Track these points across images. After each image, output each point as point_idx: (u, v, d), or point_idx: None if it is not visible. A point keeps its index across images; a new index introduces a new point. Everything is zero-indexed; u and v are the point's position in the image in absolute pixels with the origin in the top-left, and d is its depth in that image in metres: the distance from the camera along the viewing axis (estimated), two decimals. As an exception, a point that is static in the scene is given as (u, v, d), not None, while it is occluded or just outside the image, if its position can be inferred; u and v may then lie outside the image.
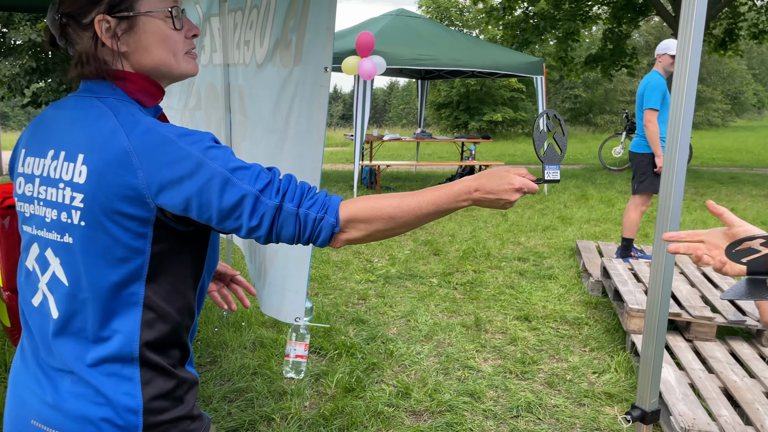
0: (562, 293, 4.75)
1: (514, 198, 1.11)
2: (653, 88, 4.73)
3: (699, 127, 32.13)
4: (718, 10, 11.44)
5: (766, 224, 7.41)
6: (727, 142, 22.41)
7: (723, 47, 13.01)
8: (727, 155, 17.30)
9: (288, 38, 2.22)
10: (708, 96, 32.42)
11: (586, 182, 10.77)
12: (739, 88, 37.18)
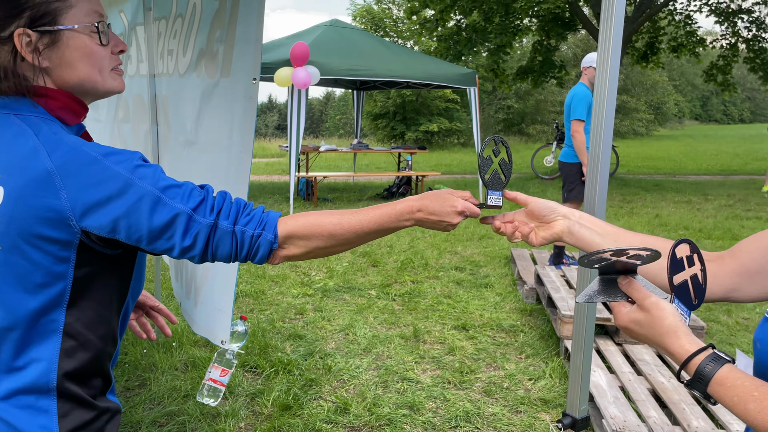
0: (498, 301, 4.85)
1: (456, 221, 1.13)
2: (580, 100, 4.92)
3: (625, 137, 33.71)
4: (640, 24, 12.08)
5: (689, 229, 7.83)
6: (651, 151, 23.61)
7: (645, 60, 13.73)
8: (652, 163, 18.22)
9: (214, 49, 2.18)
10: (633, 106, 34.08)
11: (520, 191, 11.05)
12: (661, 98, 39.31)
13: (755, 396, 0.76)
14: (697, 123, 54.10)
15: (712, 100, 54.67)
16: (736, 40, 13.22)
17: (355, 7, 28.40)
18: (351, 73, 8.00)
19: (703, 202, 10.12)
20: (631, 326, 0.88)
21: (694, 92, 51.05)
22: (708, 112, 56.36)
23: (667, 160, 19.30)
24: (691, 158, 20.05)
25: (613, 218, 8.55)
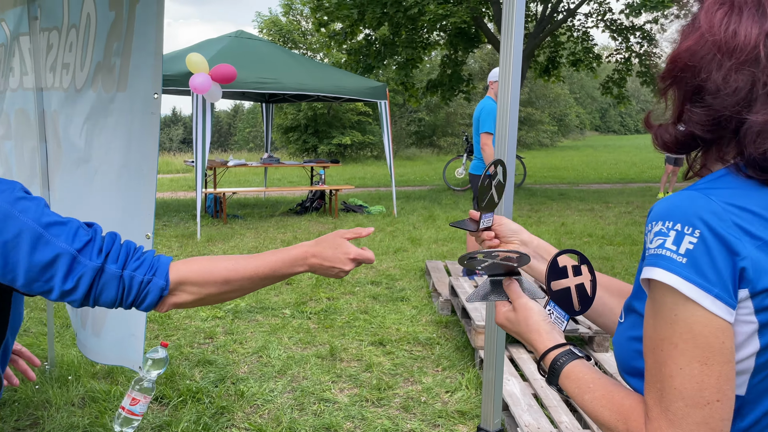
0: (415, 314, 4.92)
1: (348, 268, 1.13)
2: (488, 113, 5.12)
3: (531, 148, 35.34)
4: (541, 39, 12.75)
5: (593, 236, 8.29)
6: (556, 161, 24.86)
7: (547, 73, 14.50)
8: (557, 173, 19.18)
9: (111, 62, 2.09)
10: (537, 118, 35.81)
11: (433, 203, 11.33)
12: (564, 111, 41.57)
13: (591, 387, 0.82)
14: (597, 134, 57.53)
15: (610, 112, 58.37)
16: (630, 55, 14.24)
17: (262, 19, 28.10)
18: (258, 85, 7.90)
19: (604, 209, 10.75)
20: (505, 323, 0.96)
21: (594, 104, 54.32)
22: (607, 124, 60.07)
23: (570, 170, 20.38)
24: (593, 168, 21.29)
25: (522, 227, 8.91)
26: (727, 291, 0.72)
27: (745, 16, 0.76)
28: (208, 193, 9.39)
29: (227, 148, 39.41)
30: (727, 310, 0.72)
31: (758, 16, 0.75)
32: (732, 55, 0.75)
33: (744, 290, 0.73)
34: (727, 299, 0.72)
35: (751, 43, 0.74)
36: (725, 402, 0.73)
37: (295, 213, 10.03)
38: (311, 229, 8.58)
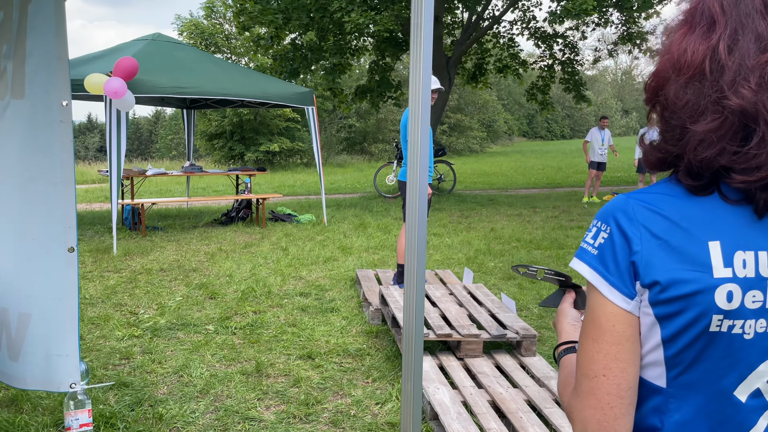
0: (345, 325, 4.89)
1: None
2: (414, 120, 5.17)
3: (462, 154, 36.07)
4: (468, 46, 13.03)
5: (521, 240, 8.52)
6: (485, 167, 25.47)
7: (474, 80, 14.85)
8: (486, 179, 19.64)
9: (1, 66, 1.97)
10: (467, 125, 36.62)
11: (364, 211, 11.34)
12: (492, 117, 42.70)
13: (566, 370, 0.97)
14: (525, 139, 59.38)
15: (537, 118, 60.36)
16: (553, 62, 14.79)
17: (182, 22, 27.36)
18: (177, 90, 7.68)
19: (532, 214, 11.08)
20: (554, 321, 1.12)
21: (521, 111, 56.07)
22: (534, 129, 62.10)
23: (500, 176, 20.93)
24: (521, 173, 21.94)
25: (453, 233, 9.06)
26: (623, 281, 0.82)
27: (696, 33, 0.81)
28: (125, 205, 9.03)
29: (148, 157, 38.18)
30: (622, 297, 0.83)
31: (707, 34, 0.80)
32: (680, 71, 0.81)
33: (638, 282, 0.82)
34: (623, 288, 0.83)
35: (698, 59, 0.80)
36: (611, 378, 0.83)
37: (220, 223, 9.80)
38: (237, 240, 8.40)
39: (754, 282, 0.80)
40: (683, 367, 0.83)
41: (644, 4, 10.74)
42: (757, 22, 0.78)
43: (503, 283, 6.30)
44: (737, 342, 0.81)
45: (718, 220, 0.81)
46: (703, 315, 0.80)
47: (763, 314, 0.81)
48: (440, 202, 12.47)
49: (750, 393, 0.84)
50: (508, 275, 6.63)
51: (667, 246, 0.81)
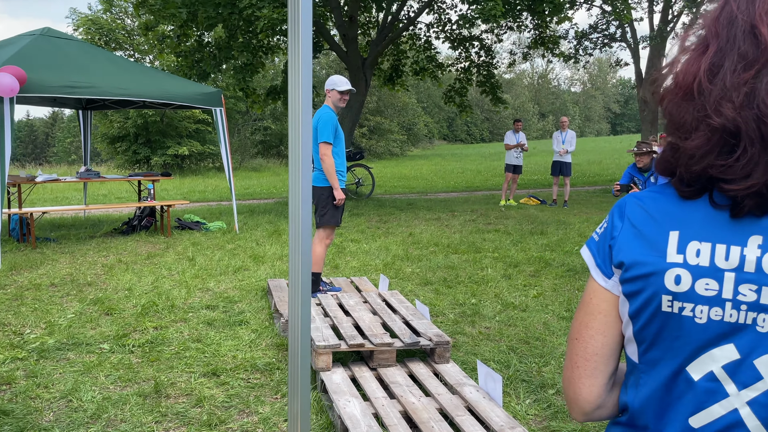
0: (254, 338, 4.77)
1: None
2: (326, 122, 5.13)
3: (382, 157, 36.36)
4: (384, 47, 13.13)
5: (439, 245, 8.64)
6: (406, 171, 25.77)
7: (391, 82, 14.99)
8: (406, 183, 19.87)
9: None
10: (387, 128, 36.96)
11: (279, 217, 11.17)
12: (412, 120, 43.30)
13: None
14: (446, 143, 60.62)
15: (456, 121, 61.76)
16: (469, 64, 15.14)
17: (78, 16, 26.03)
18: (68, 90, 7.28)
19: (450, 218, 11.28)
20: None
21: (441, 114, 57.19)
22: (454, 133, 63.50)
23: (420, 179, 21.22)
24: (441, 176, 22.36)
25: (371, 239, 9.07)
26: (605, 262, 1.00)
27: (691, 56, 0.91)
28: (11, 214, 8.48)
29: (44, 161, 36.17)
30: (602, 276, 1.01)
31: (700, 57, 0.89)
32: (678, 91, 0.92)
33: (612, 264, 0.99)
34: (603, 268, 1.01)
35: (689, 80, 0.89)
36: (581, 342, 1.02)
37: (120, 233, 9.37)
38: (139, 251, 8.06)
39: (708, 271, 0.90)
40: (647, 344, 0.96)
41: (555, 9, 11.18)
42: (741, 42, 0.86)
43: (420, 289, 6.36)
44: (688, 324, 0.92)
45: (689, 215, 0.93)
46: (656, 294, 0.93)
47: (717, 303, 0.89)
48: (359, 207, 12.48)
49: (704, 375, 0.92)
50: (425, 280, 6.70)
51: (639, 234, 0.96)
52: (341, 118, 13.66)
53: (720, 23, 0.89)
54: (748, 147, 0.85)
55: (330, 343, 3.86)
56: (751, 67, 0.84)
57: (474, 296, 6.12)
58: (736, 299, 0.89)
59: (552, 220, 10.99)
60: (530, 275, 7.03)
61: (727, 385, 0.91)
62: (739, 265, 0.88)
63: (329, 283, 6.02)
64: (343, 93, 5.33)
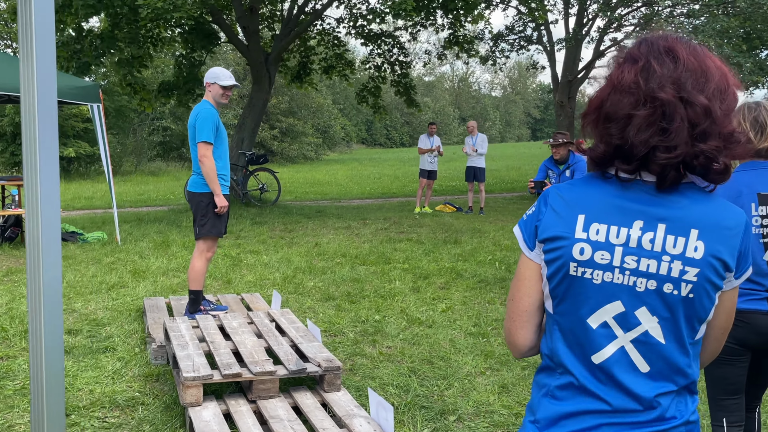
0: (119, 368, 4.34)
1: None
2: (204, 119, 4.77)
3: (295, 161, 35.82)
4: (289, 42, 12.77)
5: (346, 256, 8.39)
6: (319, 176, 25.43)
7: (299, 80, 14.64)
8: (319, 189, 19.54)
9: None
10: (300, 130, 36.42)
11: (171, 226, 10.59)
12: (328, 122, 42.96)
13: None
14: (364, 147, 60.66)
15: (376, 125, 61.97)
16: (382, 62, 15.01)
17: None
18: None
19: (361, 226, 11.06)
20: None
21: (359, 116, 57.17)
22: (373, 136, 63.68)
23: (334, 185, 20.95)
24: (357, 182, 22.17)
25: (272, 250, 8.70)
26: (530, 237, 1.34)
27: (625, 66, 1.29)
28: None
29: None
30: (527, 248, 1.35)
31: (633, 65, 1.27)
32: (620, 87, 1.29)
33: (537, 240, 1.32)
34: (528, 242, 1.35)
35: (632, 77, 1.26)
36: (515, 302, 1.38)
37: (-20, 246, 8.57)
38: (0, 266, 7.37)
39: (603, 245, 1.27)
40: (559, 299, 1.32)
41: (468, 7, 11.21)
42: (664, 56, 1.25)
43: (320, 305, 6.08)
44: (588, 284, 1.29)
45: (593, 203, 1.30)
46: (566, 262, 1.28)
47: (609, 269, 1.27)
48: (262, 215, 12.05)
49: (600, 323, 1.29)
50: (327, 295, 6.42)
51: (557, 215, 1.30)
52: (243, 118, 13.20)
53: (640, 49, 1.29)
54: (680, 123, 1.20)
55: (200, 373, 3.51)
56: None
57: (378, 312, 5.90)
58: (623, 266, 1.27)
59: (467, 228, 10.98)
60: (440, 287, 6.89)
61: (616, 330, 1.29)
62: (625, 241, 1.27)
63: (215, 301, 5.63)
64: (226, 88, 4.98)
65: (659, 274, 1.26)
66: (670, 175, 1.24)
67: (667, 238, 1.26)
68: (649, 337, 1.28)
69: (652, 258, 1.26)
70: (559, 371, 1.35)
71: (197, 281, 4.92)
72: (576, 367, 1.31)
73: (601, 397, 1.30)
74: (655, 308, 1.27)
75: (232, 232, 10.08)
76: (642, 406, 1.28)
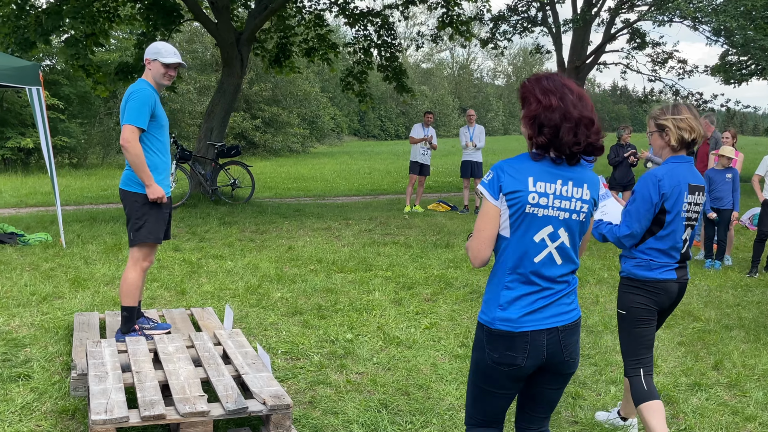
0: (30, 401, 3.88)
1: None
2: (136, 100, 4.30)
3: (280, 154, 35.30)
4: (263, 20, 12.22)
5: (322, 261, 7.94)
6: (305, 170, 24.94)
7: (278, 64, 14.14)
8: (302, 184, 19.07)
9: None
10: (285, 120, 35.85)
11: (114, 230, 10.03)
12: (316, 112, 42.34)
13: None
14: (356, 139, 60.17)
15: (369, 115, 61.47)
16: (368, 45, 14.52)
17: None
18: None
19: (343, 227, 10.61)
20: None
21: (351, 106, 56.59)
22: (366, 128, 63.19)
23: (319, 181, 20.48)
24: (345, 177, 21.70)
25: (238, 255, 8.25)
26: (495, 192, 2.35)
27: (548, 95, 2.35)
28: None
29: None
30: (493, 198, 2.35)
31: (548, 95, 2.35)
32: (548, 108, 2.34)
33: (501, 193, 2.34)
34: (494, 195, 2.35)
35: (554, 101, 2.34)
36: (483, 232, 2.38)
37: None
38: None
39: (543, 194, 2.33)
40: (515, 228, 2.34)
41: (463, -19, 10.75)
42: (566, 88, 2.36)
43: (286, 321, 5.63)
44: (534, 217, 2.34)
45: (535, 170, 2.35)
46: (523, 204, 2.31)
47: (546, 207, 2.33)
48: (233, 214, 11.57)
49: (540, 239, 2.35)
50: (294, 309, 5.97)
51: (512, 178, 2.32)
52: (212, 105, 12.70)
53: (546, 84, 2.39)
54: (577, 130, 2.33)
55: (113, 415, 3.05)
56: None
57: (351, 329, 5.46)
58: (553, 205, 2.35)
59: (461, 230, 10.54)
60: (425, 299, 6.45)
61: (548, 242, 2.37)
62: (554, 191, 2.35)
63: (159, 317, 5.17)
64: (168, 67, 4.51)
65: (570, 209, 2.39)
66: (576, 156, 2.38)
67: (574, 189, 2.40)
68: (563, 244, 2.41)
69: (566, 200, 2.39)
70: (509, 272, 2.40)
71: (131, 296, 4.45)
72: (521, 267, 2.38)
73: (537, 282, 2.39)
74: (567, 228, 2.41)
75: (196, 234, 9.61)
76: (557, 283, 2.42)
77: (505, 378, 2.40)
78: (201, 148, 12.73)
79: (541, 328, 2.35)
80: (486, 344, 2.40)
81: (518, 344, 2.34)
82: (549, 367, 2.42)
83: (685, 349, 5.28)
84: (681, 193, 3.28)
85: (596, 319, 6.00)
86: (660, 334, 5.61)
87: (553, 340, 2.37)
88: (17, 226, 9.81)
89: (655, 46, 17.90)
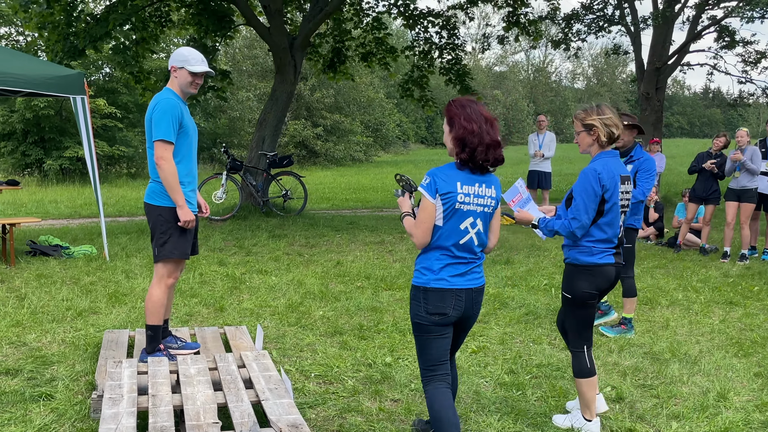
0: (49, 423, 3.96)
1: None
2: (163, 113, 4.35)
3: (341, 163, 35.56)
4: (317, 24, 12.30)
5: (370, 278, 7.89)
6: (366, 180, 25.07)
7: (332, 69, 14.23)
8: (361, 195, 19.15)
9: None
10: (348, 128, 36.08)
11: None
12: (380, 119, 42.45)
13: (409, 222, 3.50)
14: (424, 146, 60.10)
15: (437, 122, 61.34)
16: (430, 47, 14.46)
17: None
18: None
19: (397, 241, 10.55)
20: (400, 201, 3.68)
21: (418, 112, 56.63)
22: (434, 135, 63.04)
23: (380, 191, 20.51)
24: (406, 188, 21.63)
25: (284, 270, 8.30)
26: (432, 193, 3.31)
27: (471, 121, 3.36)
28: None
29: None
30: (431, 197, 3.31)
31: (470, 121, 3.35)
32: (471, 132, 3.35)
33: (437, 193, 3.32)
34: (431, 195, 3.31)
35: (475, 127, 3.34)
36: (425, 224, 3.33)
37: (-48, 260, 8.46)
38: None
39: (467, 195, 3.35)
40: (447, 219, 3.34)
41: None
42: (481, 116, 3.38)
43: (323, 341, 5.60)
44: (461, 211, 3.35)
45: (461, 177, 3.35)
46: (454, 202, 3.32)
47: (468, 204, 3.35)
48: (283, 227, 11.66)
49: (464, 227, 3.37)
50: (334, 329, 5.95)
51: (445, 182, 3.31)
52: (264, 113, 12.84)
53: (468, 112, 3.39)
54: (488, 151, 3.36)
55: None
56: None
57: (392, 352, 5.38)
58: (473, 202, 3.36)
59: (524, 245, 10.33)
60: (477, 321, 6.30)
61: (470, 229, 3.39)
62: (474, 192, 3.36)
63: (190, 336, 5.22)
64: (195, 75, 4.56)
65: (484, 204, 3.37)
66: (486, 167, 3.35)
67: (486, 190, 3.38)
68: (479, 230, 3.40)
69: (482, 198, 3.36)
70: (441, 251, 3.36)
71: (155, 314, 4.50)
72: (450, 248, 3.35)
73: (461, 256, 3.37)
74: (482, 219, 3.39)
75: (243, 247, 9.73)
76: (476, 257, 3.43)
77: (436, 325, 3.35)
78: (252, 158, 12.90)
79: (463, 287, 3.35)
80: (422, 300, 3.35)
81: (447, 298, 3.33)
82: (462, 321, 3.46)
83: (762, 382, 4.98)
84: (616, 184, 3.91)
85: (663, 345, 5.73)
86: (735, 363, 5.32)
87: (468, 297, 3.38)
88: (66, 237, 10.16)
89: (747, 44, 17.21)
